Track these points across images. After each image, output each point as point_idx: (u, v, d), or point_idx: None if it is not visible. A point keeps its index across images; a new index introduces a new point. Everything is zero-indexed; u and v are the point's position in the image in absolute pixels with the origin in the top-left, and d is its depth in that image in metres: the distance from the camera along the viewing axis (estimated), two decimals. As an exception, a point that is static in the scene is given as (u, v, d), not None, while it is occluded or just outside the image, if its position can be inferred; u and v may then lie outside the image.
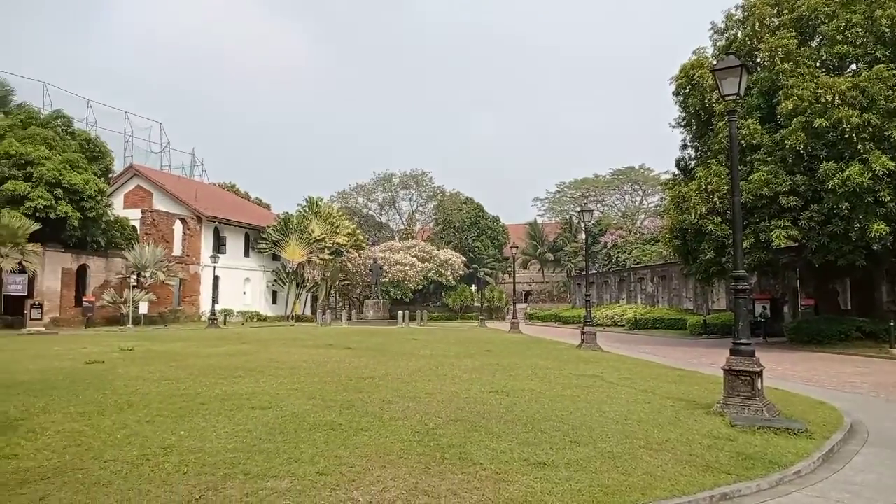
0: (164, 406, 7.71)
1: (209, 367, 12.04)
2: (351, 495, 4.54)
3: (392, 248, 53.56)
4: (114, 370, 11.29)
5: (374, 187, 68.35)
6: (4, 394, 8.48)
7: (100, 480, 4.78)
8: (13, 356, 14.14)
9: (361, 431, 6.51)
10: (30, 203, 29.39)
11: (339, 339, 21.58)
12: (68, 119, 35.51)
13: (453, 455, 5.64)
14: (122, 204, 42.67)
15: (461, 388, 9.72)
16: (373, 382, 10.14)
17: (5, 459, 5.32)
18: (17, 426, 6.56)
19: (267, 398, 8.39)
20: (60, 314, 32.11)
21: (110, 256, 35.77)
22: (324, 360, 13.68)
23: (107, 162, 36.15)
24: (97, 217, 33.45)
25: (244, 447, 5.78)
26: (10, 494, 4.47)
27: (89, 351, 15.23)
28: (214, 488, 4.61)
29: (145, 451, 5.60)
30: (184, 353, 15.23)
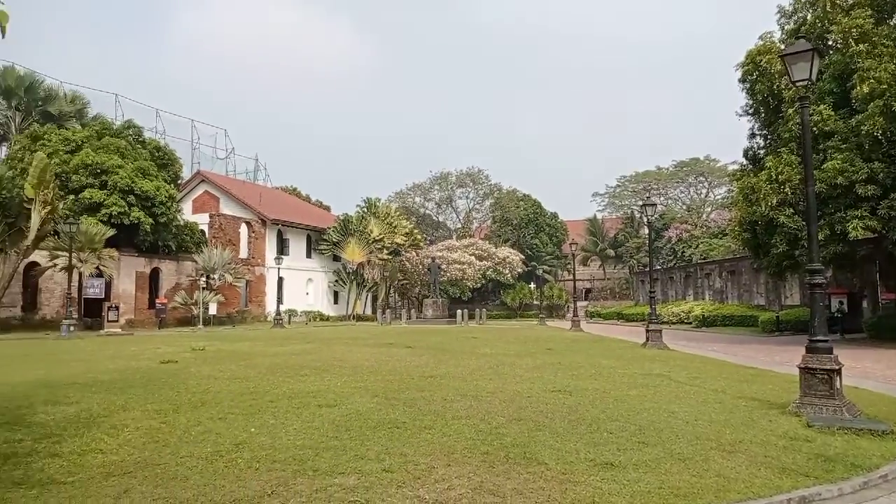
0: (235, 404, 7.98)
1: (276, 365, 12.39)
2: (417, 493, 4.57)
3: (450, 247, 53.73)
4: (187, 369, 11.76)
5: (431, 186, 68.72)
6: (87, 392, 8.96)
7: (177, 475, 4.98)
8: (93, 356, 14.93)
9: (425, 430, 6.54)
10: (105, 210, 30.98)
11: (400, 338, 21.82)
12: (139, 129, 37.25)
13: (517, 454, 5.60)
14: (191, 209, 44.43)
15: (523, 387, 9.65)
16: (434, 381, 10.19)
17: (91, 454, 5.61)
18: (100, 422, 6.91)
19: (332, 396, 8.55)
20: (135, 316, 33.74)
21: (181, 260, 37.31)
22: (385, 358, 13.86)
23: (176, 169, 37.73)
24: (168, 222, 34.95)
25: (312, 444, 5.90)
26: (97, 487, 4.71)
27: (163, 351, 15.93)
28: (285, 484, 4.73)
29: (219, 447, 5.80)
30: (252, 352, 15.72)
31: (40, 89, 40.85)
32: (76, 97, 42.63)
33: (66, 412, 7.46)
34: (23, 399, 8.31)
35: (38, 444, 5.96)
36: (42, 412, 7.43)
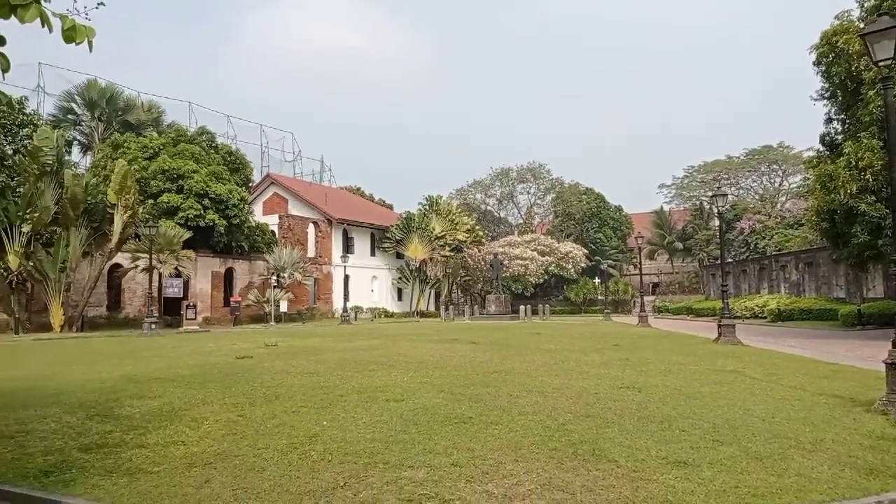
0: (307, 398, 8.23)
1: (345, 360, 12.69)
2: (485, 488, 4.60)
3: (511, 243, 53.49)
4: (261, 364, 12.21)
5: (492, 183, 68.55)
6: (169, 386, 9.45)
7: (254, 466, 5.20)
8: (174, 353, 15.70)
9: (491, 425, 6.56)
10: (182, 213, 32.51)
11: (463, 333, 21.91)
12: (212, 135, 38.87)
13: (586, 451, 5.54)
14: (262, 211, 46.02)
15: (590, 383, 9.52)
16: (499, 377, 10.20)
17: (174, 445, 5.92)
18: (182, 415, 7.27)
19: (399, 391, 8.69)
20: (211, 314, 35.26)
21: (253, 259, 38.72)
22: (450, 354, 13.95)
23: (247, 172, 39.19)
24: (240, 224, 36.35)
25: (381, 438, 6.03)
26: (180, 477, 4.97)
27: (238, 347, 16.58)
28: (357, 476, 4.85)
29: (293, 439, 6.01)
30: (321, 348, 16.15)
31: (120, 100, 43.23)
32: (153, 106, 44.90)
33: (151, 405, 7.89)
34: (111, 393, 8.84)
35: (126, 435, 6.34)
36: (128, 405, 7.89)
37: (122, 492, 4.61)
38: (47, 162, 27.29)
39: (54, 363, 13.26)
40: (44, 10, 3.77)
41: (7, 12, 3.76)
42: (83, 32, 3.94)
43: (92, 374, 11.09)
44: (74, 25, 3.88)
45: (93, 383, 9.91)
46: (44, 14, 3.77)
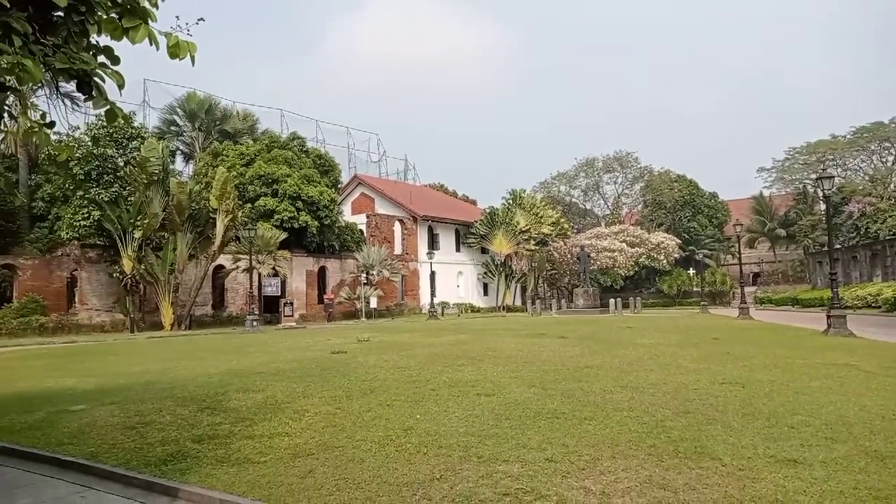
0: (400, 391, 8.42)
1: (434, 355, 12.86)
2: (583, 483, 4.53)
3: (599, 235, 52.27)
4: (355, 359, 12.59)
5: (576, 174, 67.22)
6: (272, 380, 9.93)
7: (354, 458, 5.37)
8: (274, 348, 16.47)
9: (585, 421, 6.45)
10: (278, 216, 34.03)
11: (551, 328, 21.65)
12: (302, 139, 40.39)
13: (688, 448, 5.34)
14: (350, 210, 47.41)
15: (688, 378, 9.16)
16: (591, 372, 10.00)
17: (279, 437, 6.22)
18: (285, 408, 7.62)
19: (489, 385, 8.71)
20: (307, 311, 36.72)
21: (343, 258, 39.98)
22: (538, 349, 13.83)
23: (336, 174, 40.50)
24: (331, 224, 37.64)
25: (474, 431, 6.07)
26: (285, 467, 5.22)
27: (333, 342, 17.17)
28: (452, 469, 4.91)
29: (389, 432, 6.16)
30: (411, 343, 16.45)
31: (217, 110, 45.77)
32: (248, 115, 47.26)
33: (256, 398, 8.32)
34: (219, 387, 9.40)
35: (234, 427, 6.72)
36: (235, 399, 8.36)
37: (233, 481, 4.89)
38: (154, 171, 29.29)
39: (167, 359, 14.24)
40: (151, 29, 4.05)
41: (120, 34, 4.07)
42: (185, 48, 4.19)
43: (201, 370, 11.83)
44: (178, 42, 4.14)
45: (202, 378, 10.57)
46: (151, 33, 4.05)
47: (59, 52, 3.94)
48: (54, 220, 30.55)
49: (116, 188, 29.40)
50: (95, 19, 4.06)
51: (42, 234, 30.57)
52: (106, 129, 30.23)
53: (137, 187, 28.94)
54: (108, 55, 4.21)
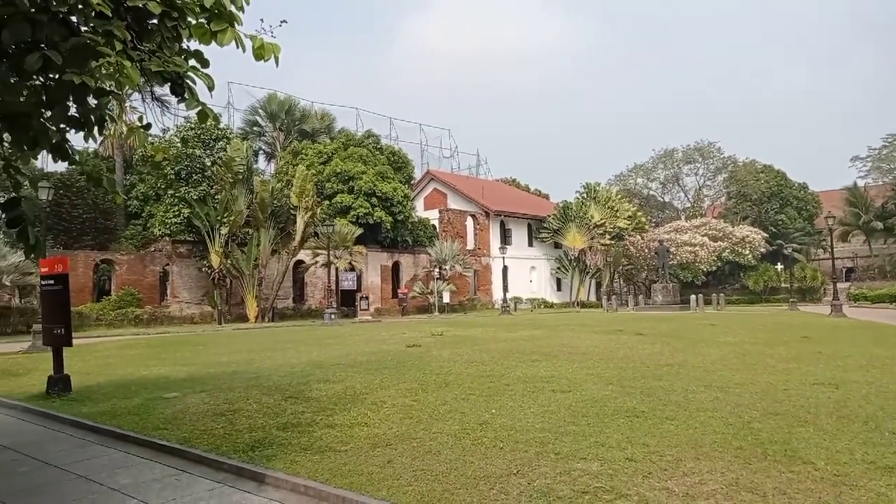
0: (474, 385, 8.44)
1: (508, 350, 12.82)
2: (665, 484, 4.40)
3: (678, 228, 50.42)
4: (429, 352, 12.73)
5: (654, 166, 65.03)
6: (350, 371, 10.18)
7: (431, 449, 5.43)
8: (351, 341, 16.89)
9: (667, 420, 6.26)
10: (353, 212, 34.84)
11: (628, 324, 21.12)
12: (377, 137, 41.13)
13: (777, 451, 5.08)
14: (423, 206, 47.87)
15: (777, 378, 8.72)
16: (672, 370, 9.69)
17: (358, 426, 6.37)
18: (363, 399, 7.80)
19: (565, 382, 8.60)
20: (382, 304, 37.42)
21: (417, 253, 40.47)
22: (615, 345, 13.52)
23: (409, 170, 41.03)
24: (405, 219, 38.19)
25: (551, 428, 6.00)
26: (365, 456, 5.34)
27: (408, 336, 17.42)
28: (528, 464, 4.88)
29: (464, 425, 6.19)
30: (484, 337, 16.47)
31: (296, 111, 47.31)
32: (325, 114, 48.60)
33: (335, 389, 8.56)
34: (301, 377, 9.73)
35: (316, 416, 6.93)
36: (316, 389, 8.63)
37: (316, 468, 5.05)
38: (239, 171, 30.62)
39: (252, 350, 14.87)
40: (238, 32, 4.21)
41: (209, 38, 4.25)
42: (270, 49, 4.34)
43: (283, 360, 12.29)
44: (263, 44, 4.29)
45: (285, 368, 10.98)
46: (238, 36, 4.22)
47: (153, 57, 4.16)
48: (147, 217, 32.50)
49: (204, 187, 30.94)
50: (186, 24, 4.27)
51: (136, 231, 32.61)
52: (194, 131, 31.86)
53: (224, 186, 30.32)
54: (198, 59, 4.41)
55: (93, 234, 31.33)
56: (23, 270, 24.73)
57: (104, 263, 30.62)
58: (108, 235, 31.99)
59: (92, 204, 31.30)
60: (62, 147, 4.52)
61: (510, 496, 4.25)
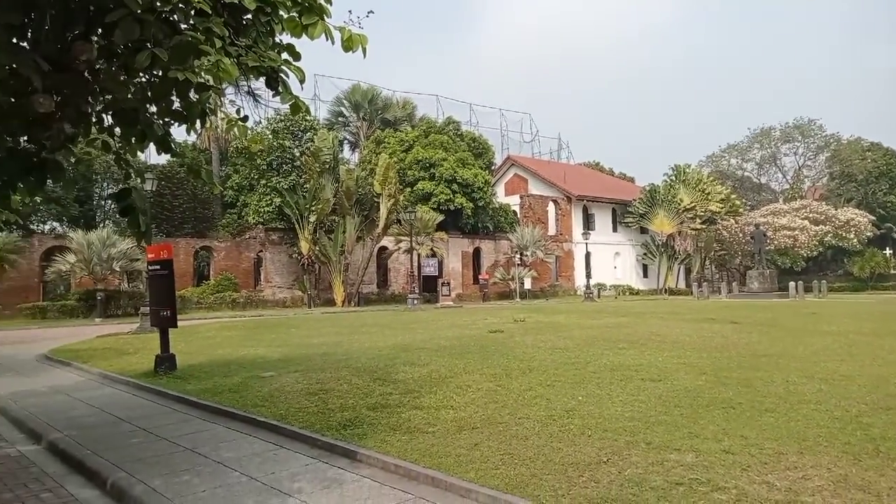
0: (559, 372, 8.36)
1: (593, 337, 12.59)
2: (765, 478, 4.20)
3: (776, 212, 47.61)
4: (512, 338, 12.71)
5: (749, 146, 61.56)
6: (434, 355, 10.32)
7: (517, 434, 5.43)
8: (434, 325, 17.11)
9: (766, 412, 5.96)
10: (435, 198, 35.19)
11: (721, 312, 20.22)
12: (457, 123, 41.25)
13: (892, 448, 4.74)
14: (503, 192, 47.64)
15: (889, 370, 8.10)
16: (770, 360, 9.21)
17: (444, 409, 6.46)
18: (448, 382, 7.90)
19: (655, 371, 8.36)
20: (462, 290, 37.69)
21: (497, 239, 40.41)
22: (707, 334, 12.99)
23: (489, 156, 40.93)
24: (485, 205, 38.20)
25: (641, 417, 5.86)
26: (452, 438, 5.41)
27: (489, 322, 17.46)
28: (618, 453, 4.79)
29: (551, 412, 6.15)
30: (567, 324, 16.25)
31: (379, 100, 48.16)
32: (406, 103, 49.21)
33: (421, 372, 8.71)
34: (388, 360, 9.97)
35: (403, 397, 7.09)
36: (402, 371, 8.81)
37: (406, 448, 5.17)
38: (326, 160, 31.60)
39: (340, 333, 15.37)
40: (327, 25, 4.31)
41: (300, 31, 4.38)
42: (358, 41, 4.41)
43: (370, 343, 12.63)
44: (351, 35, 4.37)
45: (372, 351, 11.28)
46: (327, 29, 4.31)
47: (250, 52, 4.33)
48: (242, 206, 34.19)
49: (294, 177, 32.18)
50: (279, 19, 4.41)
51: (232, 220, 34.39)
52: (284, 123, 33.11)
53: (312, 175, 31.38)
54: (290, 52, 4.55)
55: (192, 222, 33.34)
56: (130, 257, 26.60)
57: (203, 250, 32.50)
58: (207, 224, 33.95)
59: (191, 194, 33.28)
60: (166, 140, 4.80)
61: (600, 484, 4.19)
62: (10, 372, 10.99)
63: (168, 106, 4.51)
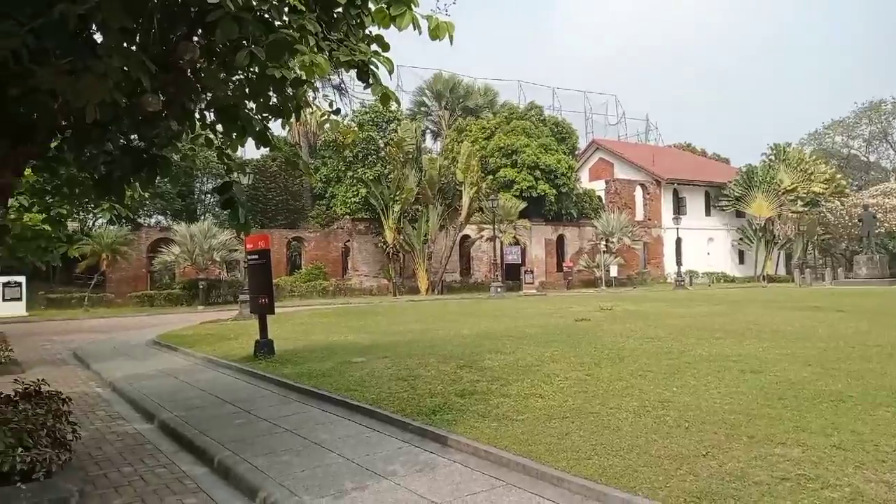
0: (651, 362, 8.11)
1: (685, 327, 12.14)
2: (883, 477, 3.92)
3: (886, 192, 43.84)
4: (599, 327, 12.46)
5: (857, 121, 57.14)
6: (519, 343, 10.29)
7: (609, 425, 5.32)
8: (518, 313, 17.05)
9: (881, 406, 5.55)
10: (517, 186, 34.91)
11: (826, 300, 18.98)
12: (540, 108, 40.65)
13: None
14: (588, 177, 46.58)
15: None
16: (883, 351, 8.55)
17: (532, 398, 6.43)
18: (535, 371, 7.85)
19: (755, 362, 7.96)
20: (546, 278, 37.27)
21: (581, 226, 39.62)
22: (811, 323, 12.22)
23: (573, 141, 40.10)
24: (569, 192, 37.55)
25: (741, 410, 5.60)
26: (542, 427, 5.38)
27: (575, 310, 17.18)
28: (718, 447, 4.60)
29: (643, 402, 5.99)
30: (657, 313, 15.75)
31: (460, 88, 48.22)
32: (487, 90, 48.99)
33: (507, 360, 8.71)
34: (473, 347, 10.03)
35: (491, 385, 7.11)
36: (488, 359, 8.84)
37: (495, 435, 5.19)
38: (409, 150, 32.03)
39: (425, 320, 15.61)
40: (415, 14, 4.34)
41: (388, 22, 4.43)
42: (444, 28, 4.41)
43: (455, 331, 12.74)
44: (438, 24, 4.38)
45: (457, 338, 11.38)
46: (415, 18, 4.34)
47: (341, 46, 4.43)
48: (330, 198, 35.30)
49: (378, 167, 32.86)
50: (368, 11, 4.48)
51: (321, 211, 35.57)
52: (368, 115, 33.80)
53: (395, 165, 31.92)
54: (379, 43, 4.62)
55: (284, 214, 34.78)
56: (229, 247, 28.07)
57: (295, 240, 33.85)
58: (297, 215, 35.32)
59: (283, 187, 34.70)
60: (264, 135, 5.01)
61: (699, 477, 4.05)
62: (124, 356, 11.90)
63: (265, 102, 4.70)
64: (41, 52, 3.46)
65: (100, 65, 3.36)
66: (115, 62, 3.41)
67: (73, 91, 3.37)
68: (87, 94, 3.35)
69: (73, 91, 3.37)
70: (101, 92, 3.36)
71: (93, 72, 3.34)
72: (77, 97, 3.38)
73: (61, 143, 5.08)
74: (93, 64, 3.37)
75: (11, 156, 4.66)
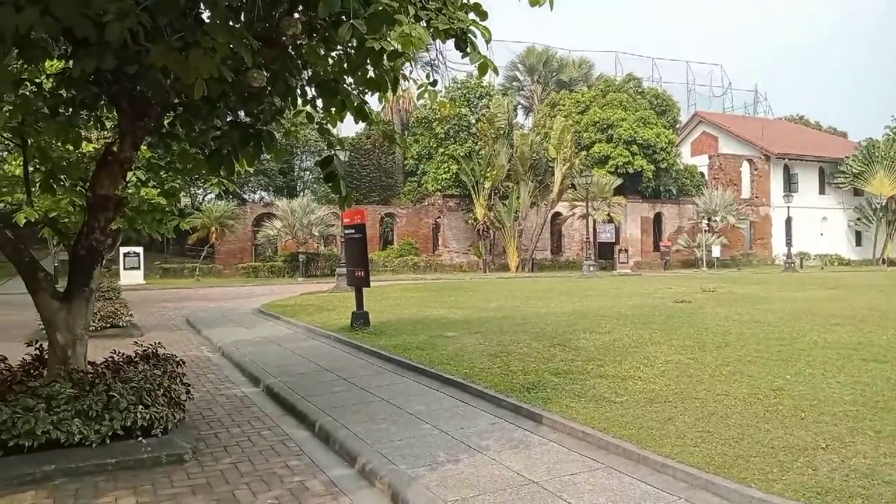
0: (760, 348, 7.63)
1: (797, 311, 11.34)
2: None
3: None
4: (701, 309, 11.87)
5: None
6: (615, 324, 9.99)
7: (716, 412, 5.04)
8: (613, 293, 16.57)
9: None
10: (612, 161, 33.78)
11: (963, 287, 17.17)
12: (638, 80, 38.95)
13: None
14: (689, 152, 44.27)
15: None
16: None
17: (632, 380, 6.21)
18: (633, 352, 7.58)
19: (879, 350, 7.30)
20: (641, 258, 36.03)
21: (681, 203, 37.87)
22: (946, 311, 11.08)
23: (674, 114, 38.22)
24: (668, 167, 35.88)
25: (865, 401, 5.15)
26: (642, 410, 5.17)
27: (674, 291, 16.49)
28: (840, 440, 4.25)
29: (754, 390, 5.63)
30: (765, 296, 14.83)
31: (554, 61, 46.92)
32: (582, 62, 47.42)
33: (602, 340, 8.47)
34: (566, 326, 9.84)
35: (586, 365, 6.94)
36: (583, 338, 8.64)
37: (592, 415, 5.04)
38: (501, 126, 31.65)
39: (516, 297, 15.49)
40: (515, -22, 4.17)
41: (487, -11, 4.30)
42: (544, -6, 4.24)
43: (547, 308, 12.56)
44: (541, -13, 4.20)
45: (549, 316, 11.21)
46: (514, -18, 4.18)
47: (440, 15, 4.34)
48: (421, 175, 35.62)
49: (469, 144, 32.76)
50: (466, -24, 4.37)
51: (413, 188, 36.00)
52: (460, 91, 33.65)
53: (486, 142, 31.68)
54: (476, 11, 4.51)
55: (378, 190, 35.50)
56: (326, 223, 29.05)
57: (388, 216, 34.52)
58: (390, 192, 35.94)
59: (377, 164, 35.36)
60: (363, 109, 5.03)
61: (819, 472, 3.74)
62: (233, 323, 12.59)
63: (363, 75, 4.69)
64: (155, 30, 3.60)
65: (207, 40, 3.46)
66: (221, 38, 3.50)
67: (183, 67, 3.48)
68: (196, 70, 3.46)
69: (183, 67, 3.48)
70: (209, 68, 3.46)
71: (201, 47, 3.45)
72: (186, 73, 3.49)
73: (174, 120, 5.35)
74: (201, 39, 3.48)
75: (130, 131, 4.95)
